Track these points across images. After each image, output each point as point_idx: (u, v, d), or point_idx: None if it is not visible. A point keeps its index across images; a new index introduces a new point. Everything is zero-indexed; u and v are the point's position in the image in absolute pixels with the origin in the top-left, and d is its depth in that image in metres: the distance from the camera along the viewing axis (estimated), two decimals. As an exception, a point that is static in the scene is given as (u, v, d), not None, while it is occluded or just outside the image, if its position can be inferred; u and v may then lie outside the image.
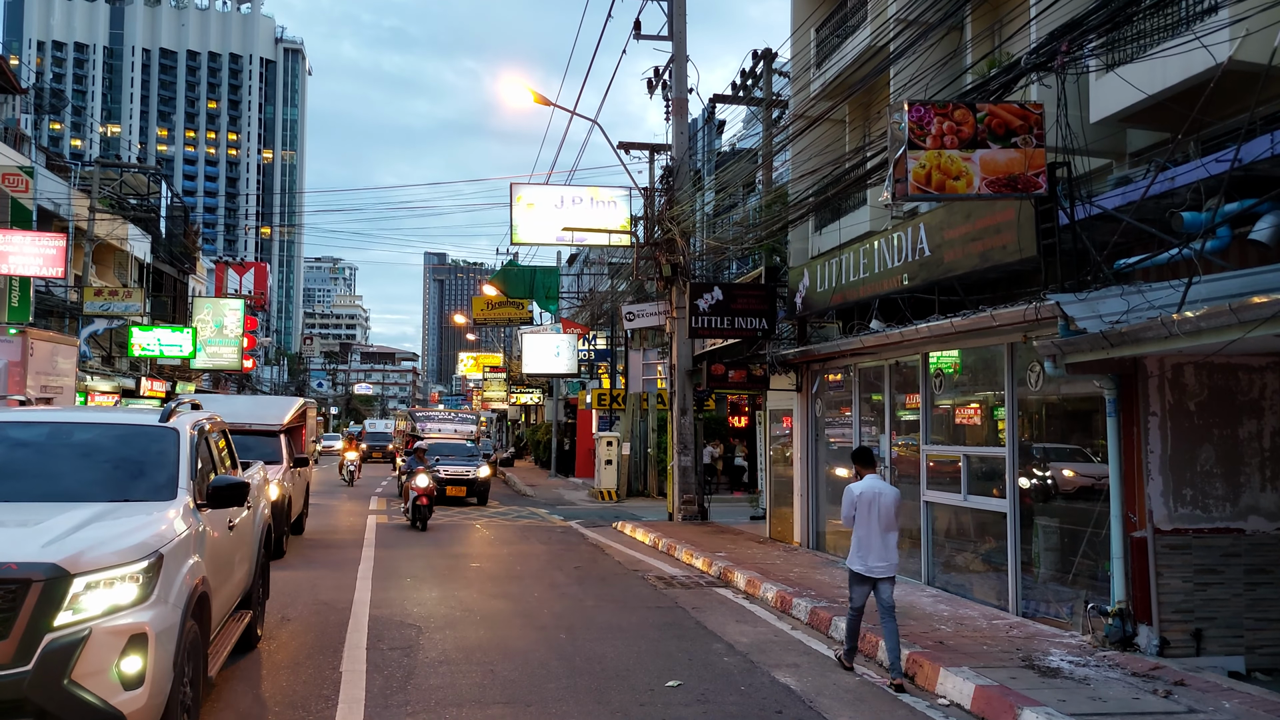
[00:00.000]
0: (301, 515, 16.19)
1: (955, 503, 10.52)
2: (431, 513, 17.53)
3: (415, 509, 17.41)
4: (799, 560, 13.17)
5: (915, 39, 11.05)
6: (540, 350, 37.46)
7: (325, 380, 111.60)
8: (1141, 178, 8.49)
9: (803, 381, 14.82)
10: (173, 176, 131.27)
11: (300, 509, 15.91)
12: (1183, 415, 7.64)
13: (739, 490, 26.04)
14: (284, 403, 17.86)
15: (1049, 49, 7.88)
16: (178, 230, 41.83)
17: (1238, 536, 7.64)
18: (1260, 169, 7.08)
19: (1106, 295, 7.36)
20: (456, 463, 23.54)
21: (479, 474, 23.65)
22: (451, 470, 22.95)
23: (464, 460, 24.06)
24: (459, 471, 23.20)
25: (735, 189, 22.95)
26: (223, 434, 7.74)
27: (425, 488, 17.42)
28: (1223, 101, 8.51)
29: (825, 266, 13.61)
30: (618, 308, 27.84)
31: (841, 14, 16.79)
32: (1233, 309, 5.54)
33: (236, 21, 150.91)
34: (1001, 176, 7.83)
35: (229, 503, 6.08)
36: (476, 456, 25.27)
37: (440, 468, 21.95)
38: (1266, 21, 7.47)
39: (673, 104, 19.04)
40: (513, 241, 22.04)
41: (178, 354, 33.26)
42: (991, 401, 10.27)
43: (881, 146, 10.44)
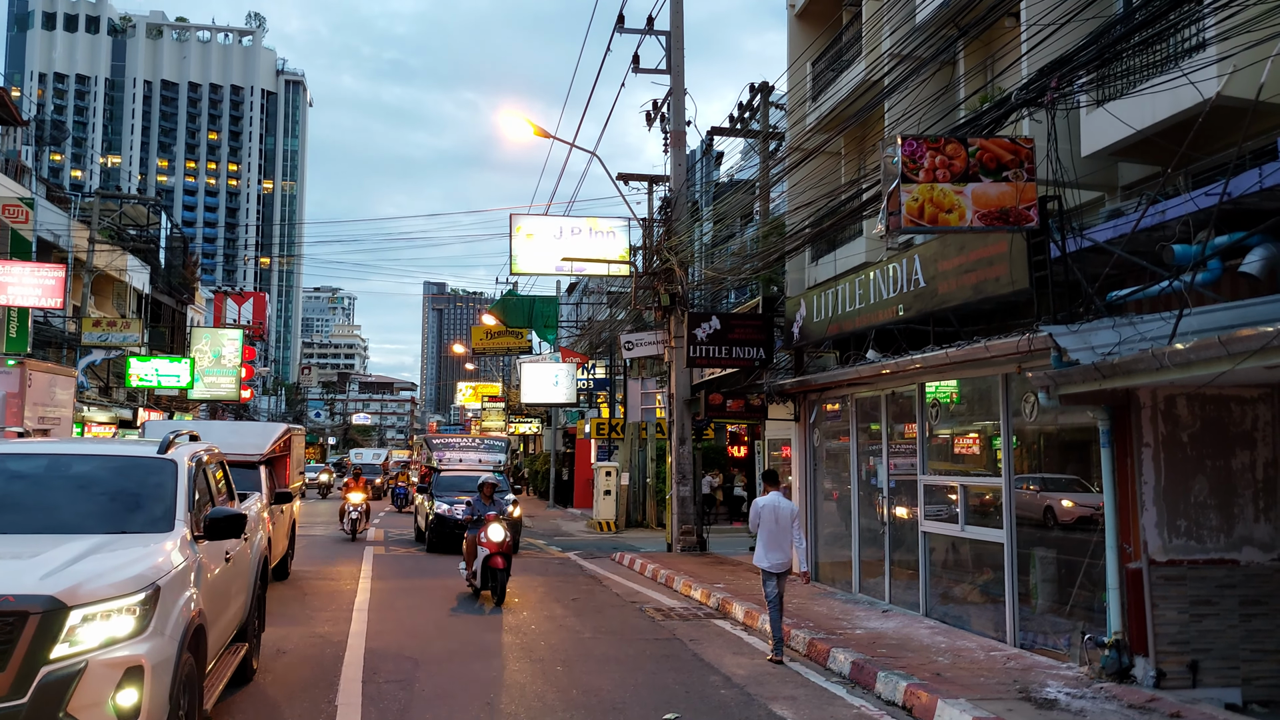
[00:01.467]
0: (285, 558, 14.33)
1: (953, 533, 10.53)
2: (509, 576, 12.57)
3: (487, 572, 12.50)
4: (797, 591, 13.13)
5: (909, 74, 11.20)
6: (539, 379, 37.52)
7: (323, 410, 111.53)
8: (1132, 211, 8.59)
9: (800, 411, 14.86)
10: (173, 207, 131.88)
11: (283, 551, 14.03)
12: (1176, 446, 7.68)
13: (738, 520, 25.98)
14: (265, 429, 15.81)
15: (1039, 85, 7.99)
16: (177, 261, 42.00)
17: (1232, 568, 7.66)
18: (1249, 202, 7.16)
19: (1098, 327, 7.42)
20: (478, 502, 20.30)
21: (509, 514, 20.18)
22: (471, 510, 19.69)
23: None
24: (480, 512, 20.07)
25: (733, 220, 23.10)
26: (220, 465, 7.76)
27: (500, 542, 12.47)
28: (1211, 136, 8.62)
29: (822, 297, 13.69)
30: (616, 337, 27.92)
31: (837, 49, 17.01)
32: (1222, 341, 5.59)
33: (238, 54, 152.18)
34: (993, 210, 7.92)
35: (226, 534, 6.10)
36: (505, 492, 20.03)
37: (458, 506, 18.22)
38: (1253, 58, 7.59)
39: (671, 136, 19.22)
40: (512, 271, 22.16)
41: (175, 384, 33.27)
42: (988, 432, 10.31)
43: (876, 179, 10.54)
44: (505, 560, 12.42)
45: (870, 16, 15.06)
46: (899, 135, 8.08)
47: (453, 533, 18.22)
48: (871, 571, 12.50)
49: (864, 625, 10.40)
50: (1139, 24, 7.46)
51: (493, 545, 12.44)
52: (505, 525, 12.80)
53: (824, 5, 18.43)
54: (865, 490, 12.92)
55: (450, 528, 18.48)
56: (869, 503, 12.76)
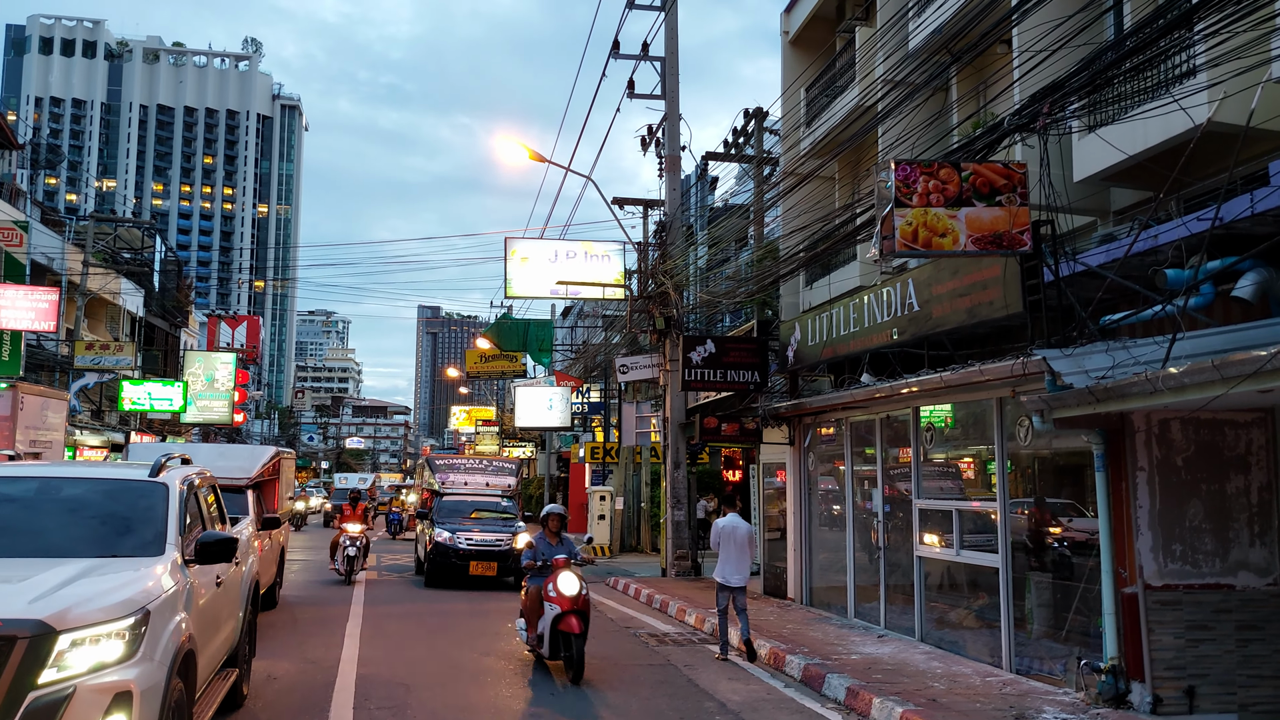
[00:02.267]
0: (274, 586, 13.92)
1: (948, 557, 10.49)
2: (585, 640, 9.30)
3: (557, 637, 9.31)
4: (792, 616, 13.08)
5: (902, 99, 11.27)
6: (533, 403, 37.46)
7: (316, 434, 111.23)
8: (1125, 235, 8.63)
9: (795, 435, 14.84)
10: (167, 231, 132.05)
11: (272, 578, 13.61)
12: (1170, 470, 7.68)
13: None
14: (253, 452, 15.33)
15: (1031, 110, 8.04)
16: (171, 284, 41.98)
17: (1228, 592, 7.64)
18: (1241, 227, 7.20)
19: (1092, 351, 7.43)
20: (485, 529, 17.67)
21: (517, 544, 16.90)
22: (477, 539, 17.09)
23: (496, 525, 18.16)
24: (488, 541, 17.12)
25: (727, 244, 23.17)
26: (212, 489, 7.72)
27: (574, 597, 9.26)
28: (1203, 161, 8.69)
29: (816, 320, 13.71)
30: (611, 360, 27.91)
31: (830, 74, 17.14)
32: (1216, 365, 5.61)
33: (234, 79, 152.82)
34: (987, 234, 7.95)
35: (217, 559, 6.05)
36: (513, 519, 18.71)
37: (461, 534, 17.04)
38: (1244, 84, 7.66)
39: (666, 161, 19.30)
40: (507, 295, 22.16)
41: (168, 408, 33.16)
42: (983, 456, 10.30)
43: (870, 203, 10.60)
44: (583, 622, 9.21)
45: (864, 43, 15.19)
46: (892, 160, 8.12)
47: (453, 563, 16.70)
48: (867, 596, 12.45)
49: (859, 650, 10.34)
50: (1130, 50, 7.52)
51: (565, 601, 9.20)
52: (580, 574, 9.53)
53: (818, 32, 18.59)
54: (860, 514, 12.89)
55: (450, 558, 16.80)
56: (864, 527, 12.73)
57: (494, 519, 18.56)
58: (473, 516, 18.36)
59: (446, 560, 16.91)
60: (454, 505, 18.90)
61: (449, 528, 17.50)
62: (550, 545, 9.88)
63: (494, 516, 18.71)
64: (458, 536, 16.97)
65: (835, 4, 17.80)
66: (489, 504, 19.41)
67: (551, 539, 9.97)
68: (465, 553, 16.80)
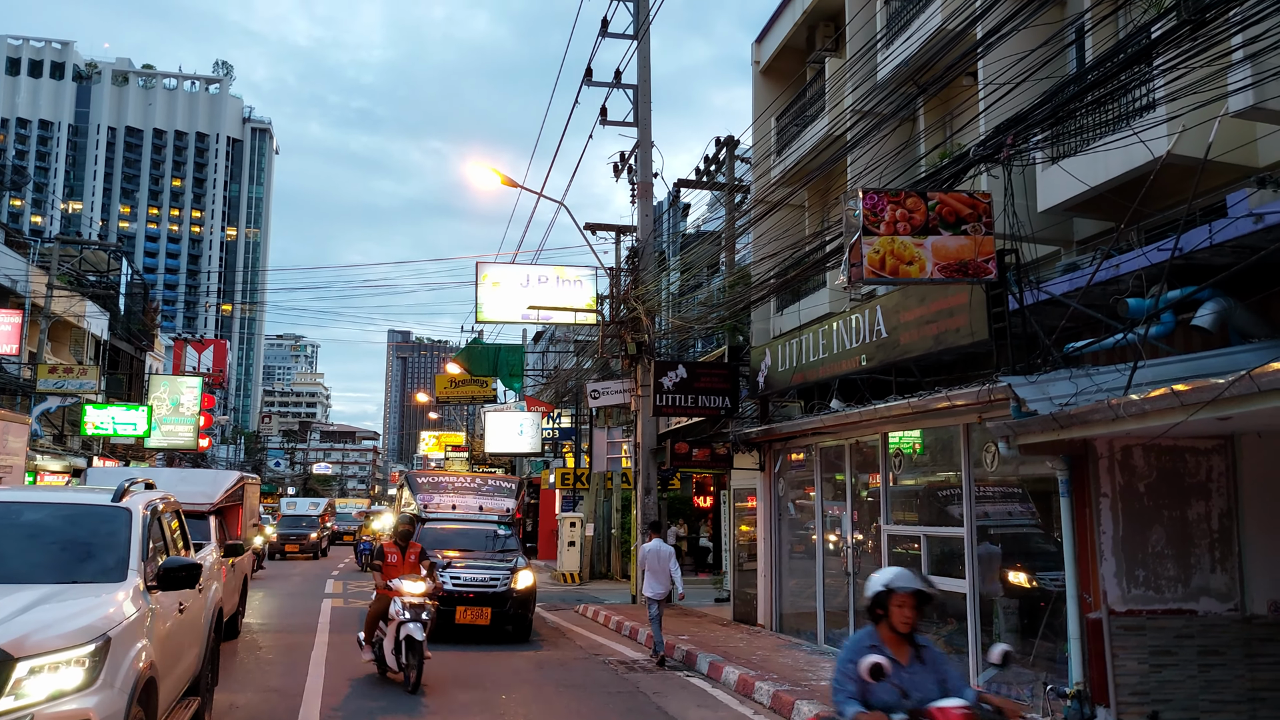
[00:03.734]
0: (236, 615, 13.57)
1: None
2: None
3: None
4: (762, 643, 13.06)
5: (870, 129, 11.43)
6: (503, 429, 37.31)
7: (283, 459, 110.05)
8: (1088, 265, 8.78)
9: (766, 460, 14.88)
10: (134, 253, 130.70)
11: (234, 607, 13.23)
12: (1133, 496, 7.78)
13: (704, 571, 25.85)
14: (217, 477, 14.85)
15: (996, 141, 8.18)
16: (137, 307, 41.52)
17: (1190, 618, 7.72)
18: (1200, 258, 7.35)
19: (1056, 378, 7.54)
20: (477, 564, 14.08)
21: (517, 585, 13.84)
22: (467, 577, 13.68)
23: (489, 559, 14.47)
24: (480, 580, 13.71)
25: (699, 270, 23.30)
26: (176, 514, 7.62)
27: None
28: (1163, 193, 8.88)
29: (786, 346, 13.80)
30: (582, 385, 27.90)
31: (800, 104, 17.35)
32: (1175, 393, 5.70)
33: (204, 101, 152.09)
34: (953, 262, 8.05)
35: (180, 585, 5.98)
36: (514, 552, 15.07)
37: (446, 571, 13.41)
38: (1201, 118, 7.84)
39: (638, 187, 19.41)
40: (478, 320, 22.14)
41: (132, 433, 32.69)
42: (951, 482, 10.38)
43: (839, 231, 10.71)
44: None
45: (833, 74, 15.40)
46: (861, 189, 8.23)
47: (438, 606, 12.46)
48: (837, 622, 12.46)
49: (829, 677, 10.33)
50: (1091, 84, 7.68)
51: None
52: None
53: (788, 62, 18.83)
54: (830, 539, 12.92)
55: None
56: (834, 552, 12.76)
57: (490, 552, 14.93)
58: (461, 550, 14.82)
59: None
60: (439, 534, 15.23)
61: None
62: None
63: (487, 548, 15.12)
64: (443, 574, 13.13)
65: (805, 35, 18.05)
66: (483, 532, 15.62)
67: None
68: (451, 595, 13.25)
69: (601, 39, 17.74)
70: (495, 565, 14.12)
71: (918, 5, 13.31)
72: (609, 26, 17.66)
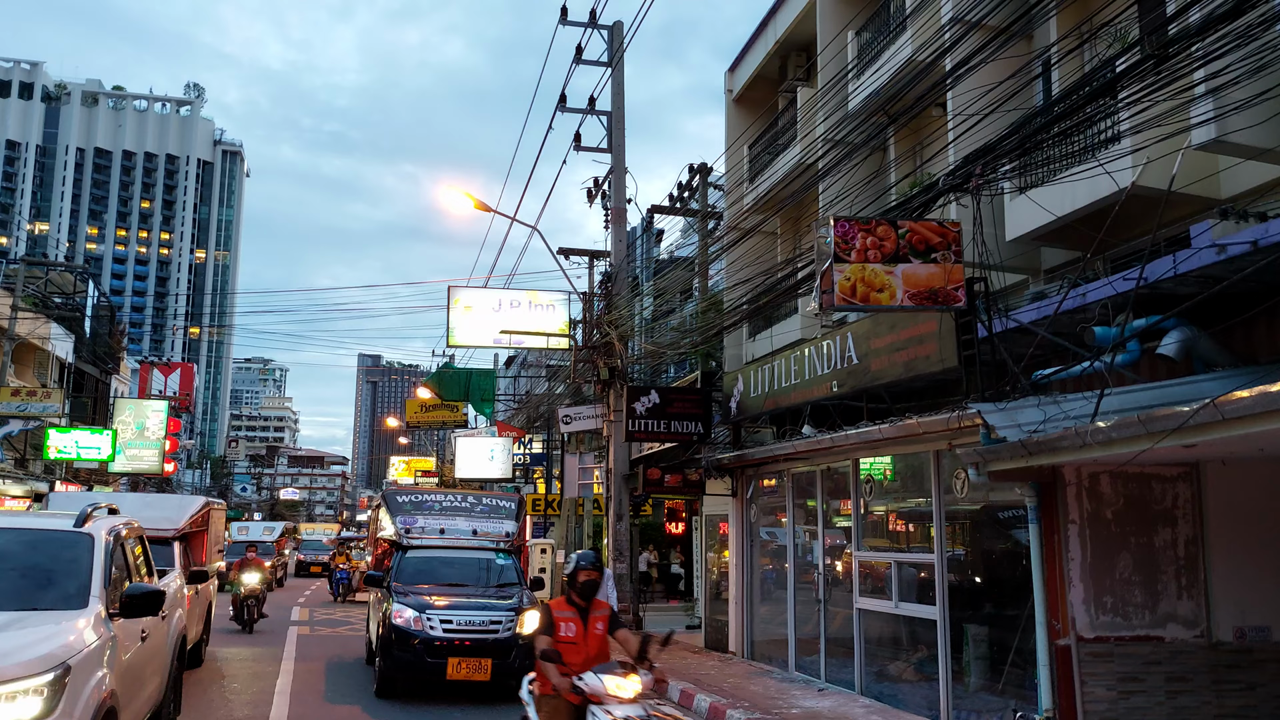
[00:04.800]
0: (200, 642, 13.23)
1: (887, 610, 10.55)
2: None
3: None
4: (734, 670, 13.01)
5: (841, 158, 11.56)
6: (474, 454, 37.11)
7: (250, 485, 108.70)
8: (1055, 293, 8.89)
9: (738, 486, 14.88)
10: (101, 275, 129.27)
11: (198, 635, 12.91)
12: (1101, 523, 7.84)
13: (675, 598, 25.76)
14: (182, 503, 14.58)
15: (965, 171, 8.30)
16: (103, 330, 41.01)
17: (1158, 644, 7.78)
18: (1164, 287, 7.47)
19: (1025, 405, 7.61)
20: (472, 604, 11.70)
21: (523, 629, 11.07)
22: (461, 620, 11.26)
23: (487, 597, 12.12)
24: (477, 623, 11.30)
25: (672, 295, 23.37)
26: (140, 540, 7.50)
27: None
28: (1128, 223, 9.02)
29: (759, 372, 13.85)
30: (554, 410, 27.79)
31: (773, 132, 17.52)
32: (1142, 420, 5.77)
33: (175, 123, 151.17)
34: (923, 290, 8.13)
35: (143, 612, 5.87)
36: (513, 586, 12.71)
37: (434, 613, 11.23)
38: (1166, 150, 8.00)
39: (612, 213, 19.45)
40: (449, 344, 22.03)
41: (96, 457, 32.19)
42: (922, 508, 10.42)
43: (811, 258, 10.79)
44: None
45: (805, 103, 15.57)
46: (832, 216, 8.30)
47: (422, 660, 10.97)
48: (808, 649, 12.44)
49: (800, 705, 10.31)
50: (1058, 116, 7.82)
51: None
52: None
53: (761, 91, 19.02)
54: (801, 566, 12.92)
55: (418, 651, 10.97)
56: (805, 579, 12.76)
57: (487, 587, 12.59)
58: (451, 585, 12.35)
59: (412, 655, 10.98)
60: (424, 565, 12.75)
61: (415, 601, 11.47)
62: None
63: (482, 582, 12.75)
64: (429, 617, 11.11)
65: (778, 65, 18.25)
66: (478, 562, 13.16)
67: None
68: (441, 643, 10.96)
69: (575, 66, 17.83)
70: (495, 605, 11.67)
71: (888, 37, 13.51)
72: (583, 54, 17.77)
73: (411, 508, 14.37)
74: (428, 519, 14.02)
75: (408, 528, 13.70)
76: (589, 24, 17.69)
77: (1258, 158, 8.22)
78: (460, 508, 14.54)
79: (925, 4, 11.32)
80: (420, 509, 14.32)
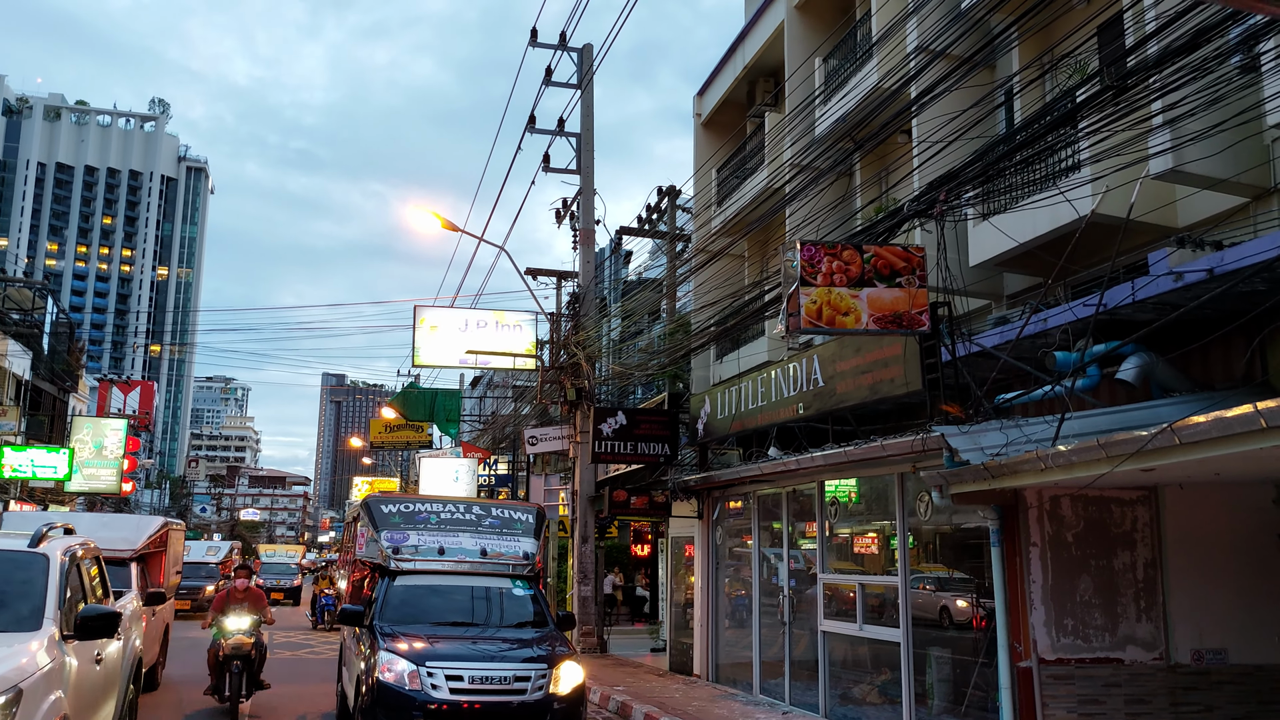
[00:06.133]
0: (156, 666, 13.05)
1: (852, 632, 10.58)
2: None
3: None
4: (698, 693, 12.96)
5: (808, 183, 11.68)
6: (438, 475, 36.77)
7: (209, 505, 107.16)
8: (1018, 318, 9.02)
9: (704, 508, 14.89)
10: (60, 291, 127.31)
11: (155, 657, 12.80)
12: (1061, 546, 7.93)
13: (640, 621, 25.65)
14: (139, 523, 14.15)
15: (929, 197, 8.41)
16: (61, 347, 40.34)
17: (1117, 666, 7.86)
18: (1123, 314, 7.60)
19: (987, 429, 7.69)
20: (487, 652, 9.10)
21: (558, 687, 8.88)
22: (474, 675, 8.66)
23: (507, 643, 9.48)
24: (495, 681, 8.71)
25: (640, 317, 23.42)
26: (96, 560, 7.37)
27: None
28: (1089, 250, 9.18)
29: (725, 394, 13.89)
30: (520, 431, 27.65)
31: (741, 157, 17.66)
32: (1101, 444, 5.86)
33: (139, 139, 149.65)
34: (888, 314, 8.22)
35: (98, 634, 5.77)
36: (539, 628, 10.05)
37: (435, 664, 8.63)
38: (1124, 179, 8.16)
39: (580, 234, 19.50)
40: (414, 364, 21.91)
41: (52, 476, 31.63)
42: (887, 531, 10.48)
43: (778, 281, 10.87)
44: None
45: (773, 128, 15.72)
46: (799, 240, 8.38)
47: None
48: (773, 672, 12.43)
49: (765, 727, 10.28)
50: (1020, 144, 7.96)
51: None
52: None
53: (729, 115, 19.18)
54: (767, 589, 12.93)
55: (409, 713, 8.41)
56: (770, 601, 12.76)
57: (505, 629, 9.98)
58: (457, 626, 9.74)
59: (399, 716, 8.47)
60: (418, 597, 10.07)
61: (409, 649, 8.80)
62: None
63: (504, 624, 10.11)
64: (430, 672, 8.56)
65: (746, 89, 18.42)
66: (490, 594, 10.47)
67: None
68: (449, 709, 8.45)
69: (545, 87, 17.91)
70: (517, 654, 9.10)
71: (854, 64, 13.70)
72: (553, 75, 17.85)
73: (401, 520, 10.95)
74: (422, 535, 10.73)
75: (396, 547, 10.43)
76: (559, 46, 17.78)
77: (1213, 187, 8.42)
78: (464, 521, 11.23)
79: (891, 32, 11.50)
80: (412, 522, 10.97)
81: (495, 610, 10.25)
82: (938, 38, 10.03)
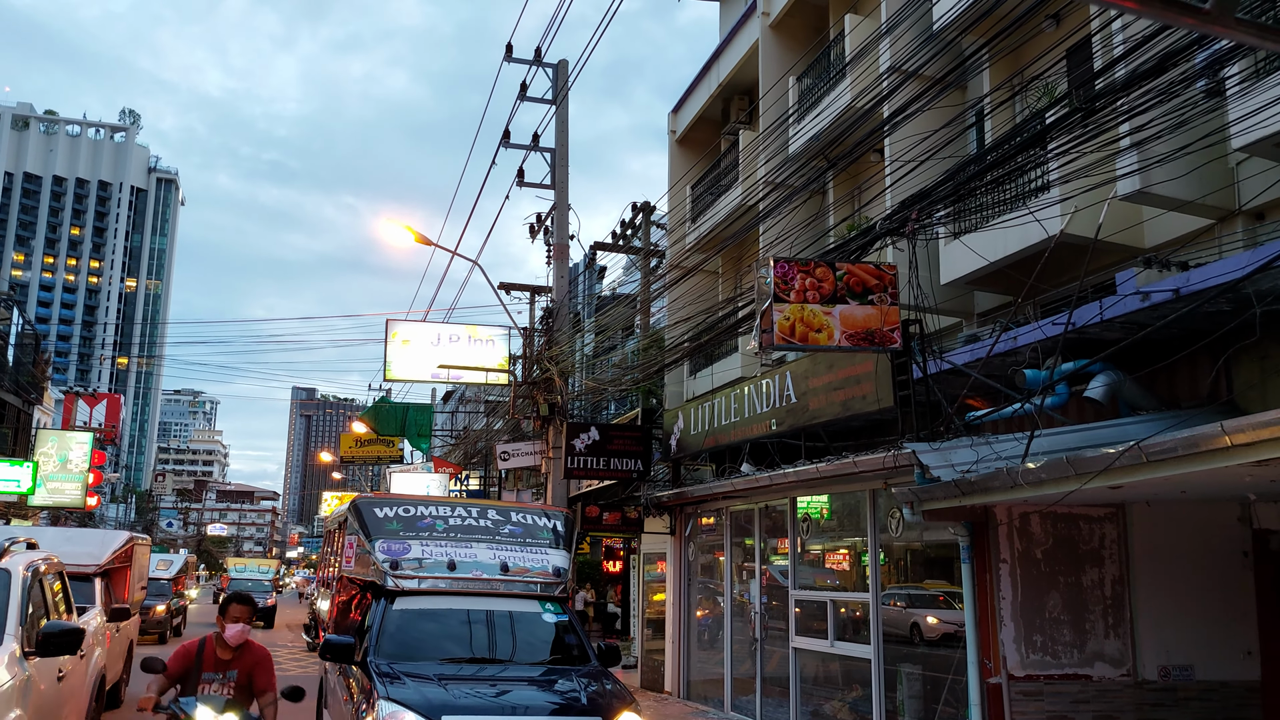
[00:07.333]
0: (120, 682, 12.72)
1: (823, 649, 10.58)
2: None
3: None
4: (670, 710, 12.91)
5: (782, 200, 11.74)
6: (409, 490, 36.50)
7: (176, 520, 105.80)
8: (988, 336, 9.11)
9: (677, 524, 14.87)
10: (26, 302, 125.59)
11: (119, 674, 12.57)
12: (1031, 563, 7.98)
13: (612, 637, 25.52)
14: (104, 538, 13.88)
15: (901, 216, 8.49)
16: (26, 358, 39.76)
17: (1086, 683, 7.91)
18: (1091, 332, 7.69)
19: (958, 445, 7.74)
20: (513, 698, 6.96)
21: None
22: None
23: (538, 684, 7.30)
24: None
25: (614, 332, 23.41)
26: (59, 576, 7.24)
27: None
28: (1058, 269, 9.29)
29: (699, 410, 13.90)
30: (492, 447, 27.51)
31: (715, 174, 17.75)
32: (1070, 462, 5.91)
33: (109, 149, 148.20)
34: (860, 331, 8.27)
35: (61, 651, 5.66)
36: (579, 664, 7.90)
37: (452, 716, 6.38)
38: (1093, 199, 8.28)
39: (554, 249, 19.48)
40: (386, 378, 21.75)
41: (15, 489, 31.13)
42: (858, 547, 10.51)
43: (751, 298, 10.92)
44: None
45: (746, 145, 15.83)
46: (772, 257, 8.42)
47: None
48: (744, 689, 12.40)
49: (736, 744, 10.25)
50: (990, 164, 8.05)
51: None
52: None
53: (703, 133, 19.29)
54: (738, 605, 12.92)
55: None
56: (742, 618, 12.75)
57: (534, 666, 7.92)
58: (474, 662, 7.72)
59: None
60: (424, 625, 8.05)
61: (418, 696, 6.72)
62: None
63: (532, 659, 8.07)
64: None
65: (721, 107, 18.54)
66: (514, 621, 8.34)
67: None
68: None
69: (520, 103, 17.92)
70: (556, 701, 7.02)
71: (828, 83, 13.82)
72: (528, 91, 17.86)
73: (400, 527, 8.77)
74: (427, 545, 8.52)
75: (395, 560, 8.27)
76: (534, 62, 17.80)
77: (1179, 209, 8.55)
78: (478, 528, 8.99)
79: (864, 53, 11.62)
80: (414, 529, 8.76)
81: (523, 642, 8.17)
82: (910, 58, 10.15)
